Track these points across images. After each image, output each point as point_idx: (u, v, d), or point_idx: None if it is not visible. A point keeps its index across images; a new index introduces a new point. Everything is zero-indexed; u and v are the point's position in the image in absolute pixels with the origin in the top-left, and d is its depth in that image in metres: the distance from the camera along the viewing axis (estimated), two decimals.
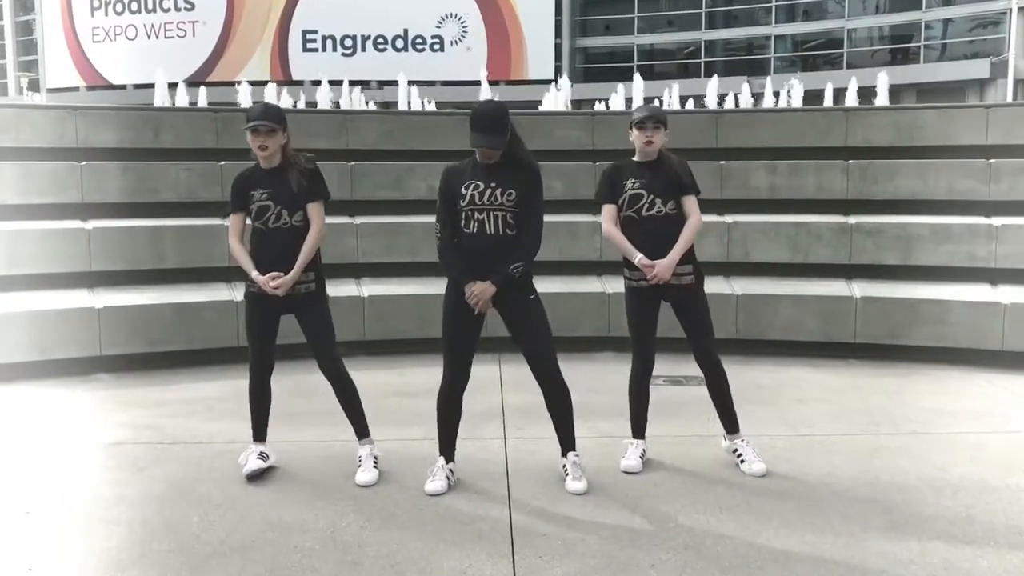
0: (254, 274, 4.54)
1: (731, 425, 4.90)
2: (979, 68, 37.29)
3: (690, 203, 4.74)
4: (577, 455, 4.60)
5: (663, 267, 4.61)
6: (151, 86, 35.07)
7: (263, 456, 4.75)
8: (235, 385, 6.42)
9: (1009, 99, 32.03)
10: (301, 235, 4.56)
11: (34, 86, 46.30)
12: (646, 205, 4.67)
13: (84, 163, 7.51)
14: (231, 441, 5.16)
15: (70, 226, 7.29)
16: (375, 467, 4.69)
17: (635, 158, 4.83)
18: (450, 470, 4.58)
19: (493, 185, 4.35)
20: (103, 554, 3.89)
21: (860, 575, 3.65)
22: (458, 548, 3.90)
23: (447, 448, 4.62)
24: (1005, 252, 7.36)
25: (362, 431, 4.81)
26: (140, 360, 6.94)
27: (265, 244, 4.56)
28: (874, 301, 7.40)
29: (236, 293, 7.31)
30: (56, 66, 48.40)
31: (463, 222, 4.41)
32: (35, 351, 6.78)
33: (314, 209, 4.60)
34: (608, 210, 4.77)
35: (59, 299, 7.00)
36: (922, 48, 40.96)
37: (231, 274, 7.42)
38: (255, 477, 4.64)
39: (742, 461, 4.78)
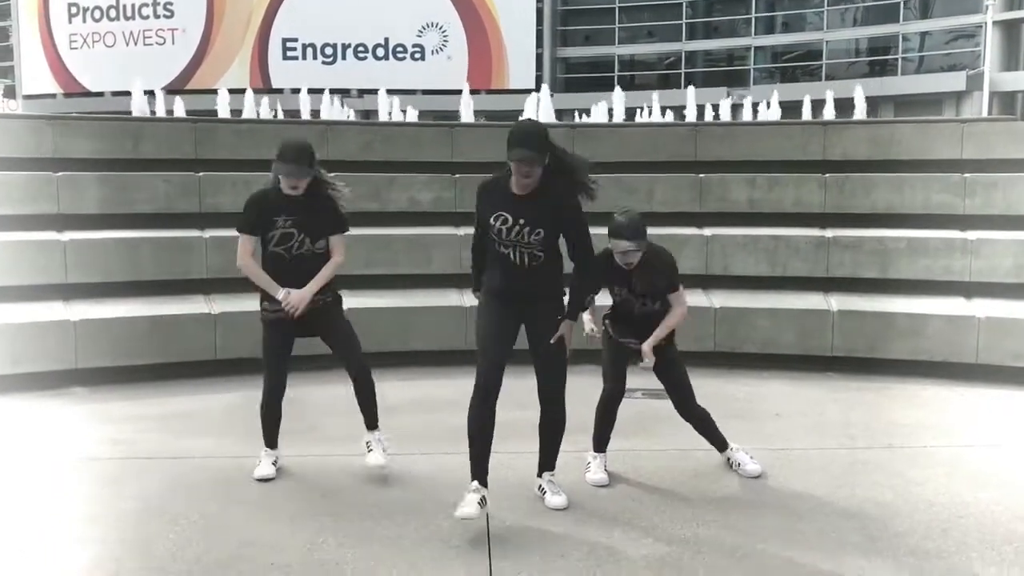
0: (281, 293, 4.55)
1: (722, 445, 5.04)
2: (956, 80, 37.68)
3: (674, 298, 4.82)
4: (553, 475, 4.59)
5: (646, 351, 4.74)
6: (129, 93, 34.87)
7: (276, 462, 4.87)
8: (212, 399, 6.44)
9: (984, 111, 32.39)
10: (321, 261, 4.67)
11: (10, 93, 45.90)
12: (637, 305, 4.81)
13: (60, 174, 7.45)
14: (207, 456, 5.13)
15: (46, 237, 7.22)
16: (385, 451, 4.78)
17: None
18: (483, 497, 4.22)
19: (522, 222, 4.21)
20: (77, 572, 3.85)
21: None
22: (437, 565, 3.89)
23: (478, 470, 4.30)
24: (980, 266, 7.43)
25: (373, 422, 4.89)
26: (116, 373, 6.86)
27: (286, 270, 4.63)
28: (851, 314, 7.44)
29: (214, 306, 7.27)
30: (32, 72, 48.01)
31: (496, 244, 4.32)
32: (7, 364, 6.67)
33: (338, 241, 4.74)
34: None
35: (34, 311, 6.92)
36: (900, 60, 41.36)
37: (209, 286, 7.39)
38: (265, 481, 4.76)
39: (740, 466, 4.95)
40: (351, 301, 7.56)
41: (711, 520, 4.36)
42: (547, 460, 4.58)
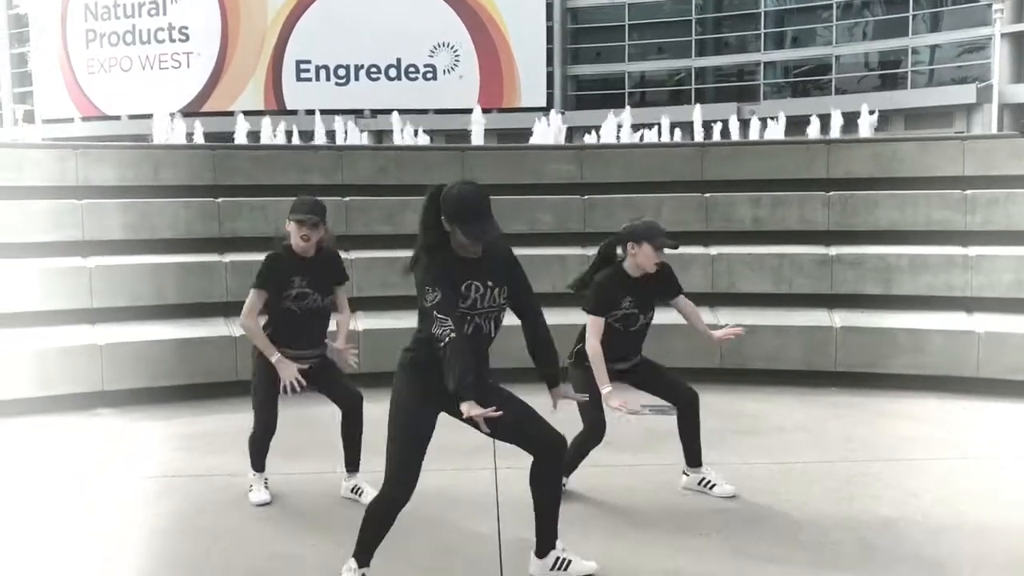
0: (275, 356, 4.74)
1: (698, 458, 5.09)
2: (966, 93, 37.76)
3: (683, 297, 4.98)
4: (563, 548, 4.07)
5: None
6: (145, 116, 35.35)
7: (266, 483, 5.08)
8: (234, 419, 6.62)
9: (994, 123, 32.43)
10: (327, 313, 4.99)
11: (29, 117, 46.56)
12: (641, 319, 4.89)
13: (84, 201, 7.71)
14: (232, 474, 5.33)
15: (72, 264, 7.48)
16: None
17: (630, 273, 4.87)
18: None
19: (490, 284, 3.74)
20: None
21: None
22: None
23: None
24: (980, 282, 7.57)
25: (357, 464, 5.06)
26: (141, 395, 7.08)
27: (298, 324, 4.86)
28: (854, 331, 7.59)
29: (234, 328, 7.48)
30: (51, 97, 48.74)
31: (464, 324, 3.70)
32: (37, 386, 6.90)
33: (342, 291, 5.08)
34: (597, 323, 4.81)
35: (62, 335, 7.17)
36: (909, 74, 41.47)
37: (229, 309, 7.61)
38: (264, 505, 4.94)
39: (713, 487, 5.00)
40: (368, 322, 7.81)
41: (714, 531, 4.53)
42: (551, 536, 4.02)
